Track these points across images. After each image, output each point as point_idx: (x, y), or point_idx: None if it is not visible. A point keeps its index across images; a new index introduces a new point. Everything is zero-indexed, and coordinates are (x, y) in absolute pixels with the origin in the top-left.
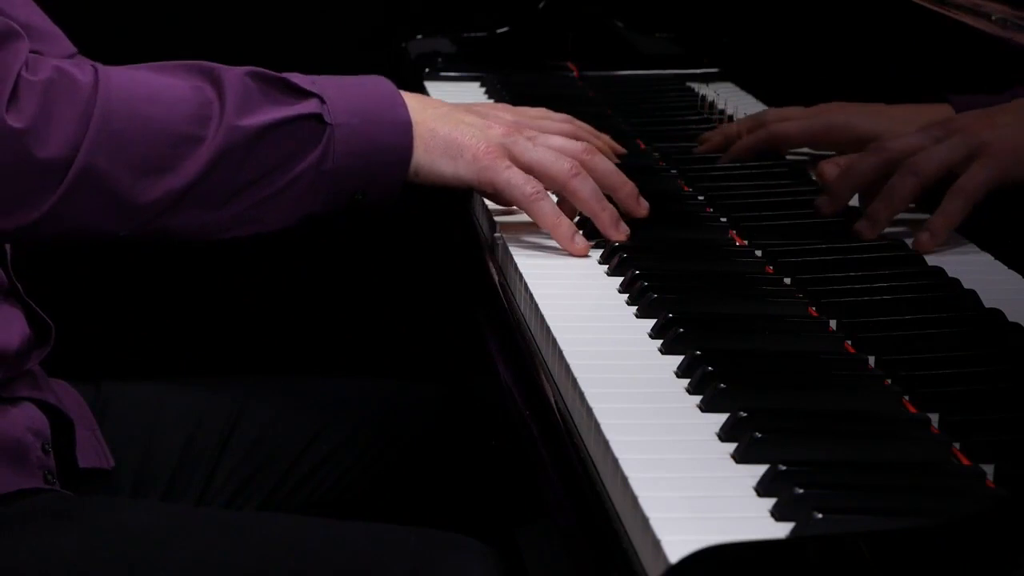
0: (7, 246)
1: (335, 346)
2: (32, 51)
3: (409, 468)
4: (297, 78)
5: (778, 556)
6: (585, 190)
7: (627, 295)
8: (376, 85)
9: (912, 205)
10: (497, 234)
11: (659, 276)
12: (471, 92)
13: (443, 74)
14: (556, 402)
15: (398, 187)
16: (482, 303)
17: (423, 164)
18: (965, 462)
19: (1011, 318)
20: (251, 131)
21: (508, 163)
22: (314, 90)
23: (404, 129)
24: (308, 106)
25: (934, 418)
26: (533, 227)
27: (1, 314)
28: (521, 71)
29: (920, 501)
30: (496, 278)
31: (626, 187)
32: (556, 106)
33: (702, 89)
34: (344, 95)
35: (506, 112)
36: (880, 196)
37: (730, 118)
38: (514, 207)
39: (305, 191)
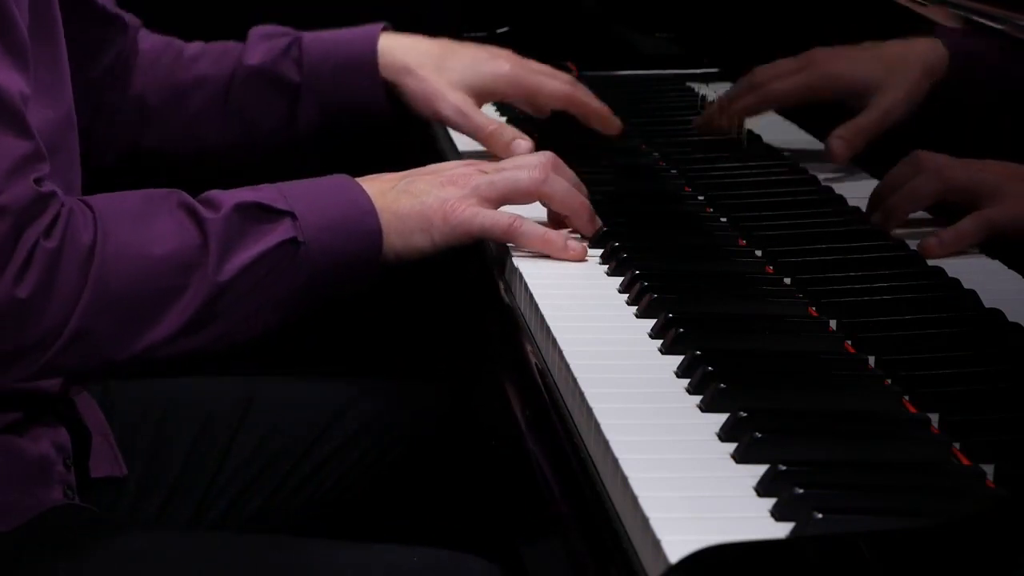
0: None
1: (338, 347)
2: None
3: (410, 468)
4: (271, 197)
5: (778, 556)
6: (556, 189)
7: (627, 295)
8: (341, 191)
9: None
10: None
11: (659, 276)
12: None
13: None
14: (556, 402)
15: (367, 285)
16: (482, 304)
17: (400, 248)
18: (965, 462)
19: (1011, 318)
20: (232, 276)
21: (476, 209)
22: (286, 208)
23: (373, 236)
24: (282, 231)
25: (934, 418)
26: None
27: None
28: None
29: (920, 501)
30: (496, 279)
31: (585, 207)
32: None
33: (702, 89)
34: (314, 209)
35: (503, 51)
36: (900, 191)
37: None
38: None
39: (276, 309)
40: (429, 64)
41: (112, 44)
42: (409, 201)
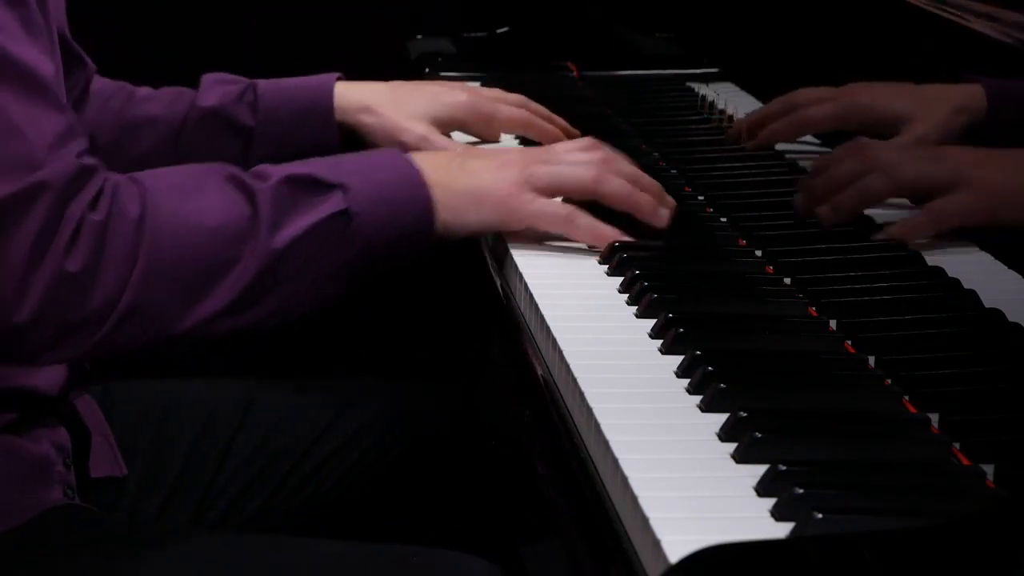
0: None
1: (339, 347)
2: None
3: (410, 469)
4: (321, 170)
5: (778, 556)
6: (613, 188)
7: (627, 295)
8: (394, 163)
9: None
10: (499, 235)
11: (659, 276)
12: None
13: (443, 74)
14: (556, 402)
15: (423, 256)
16: (483, 303)
17: (451, 224)
18: (965, 462)
19: (1011, 318)
20: (284, 245)
21: (532, 196)
22: (338, 181)
23: (425, 208)
24: (333, 203)
25: (934, 418)
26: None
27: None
28: (521, 71)
29: (920, 501)
30: (496, 279)
31: (653, 187)
32: (556, 106)
33: (702, 89)
34: (365, 182)
35: (455, 84)
36: (850, 188)
37: (730, 118)
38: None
39: (330, 281)
40: (388, 102)
41: (76, 83)
42: (464, 178)
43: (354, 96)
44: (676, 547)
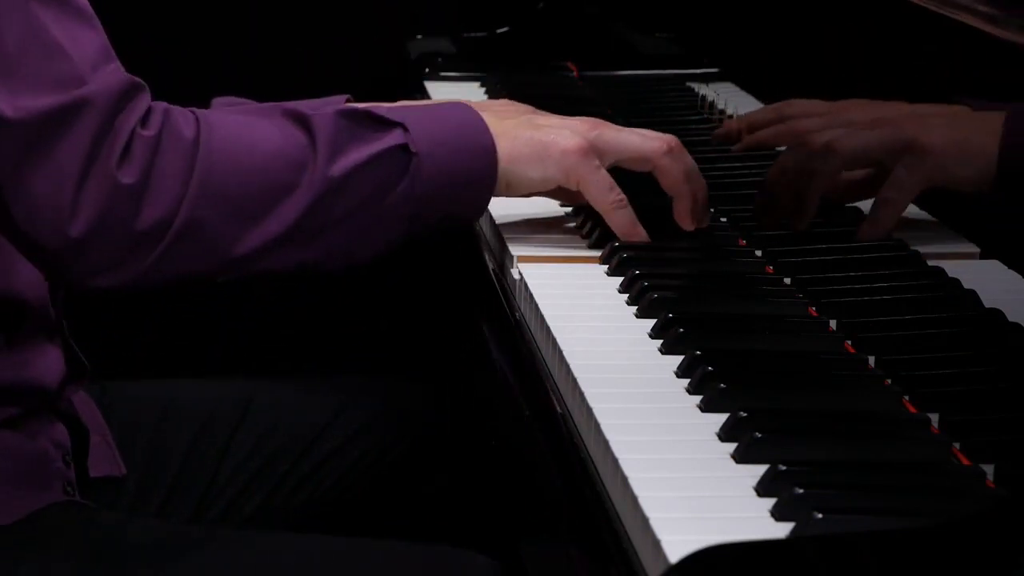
0: (61, 287)
1: (338, 346)
2: None
3: (409, 468)
4: (380, 109)
5: (778, 556)
6: (676, 169)
7: (627, 295)
8: (455, 110)
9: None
10: (498, 234)
11: (659, 276)
12: (471, 92)
13: (443, 74)
14: (556, 402)
15: (483, 207)
16: (482, 303)
17: (512, 175)
18: (965, 462)
19: (1011, 318)
20: (343, 174)
21: (597, 163)
22: (398, 119)
23: (487, 152)
24: (393, 137)
25: (934, 418)
26: (534, 227)
27: (44, 354)
28: (521, 71)
29: (920, 501)
30: (496, 279)
31: (702, 190)
32: (556, 106)
33: (702, 89)
34: (425, 123)
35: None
36: (802, 189)
37: (730, 118)
38: (520, 213)
39: (394, 221)
40: None
41: None
42: (528, 130)
43: None
44: (676, 547)
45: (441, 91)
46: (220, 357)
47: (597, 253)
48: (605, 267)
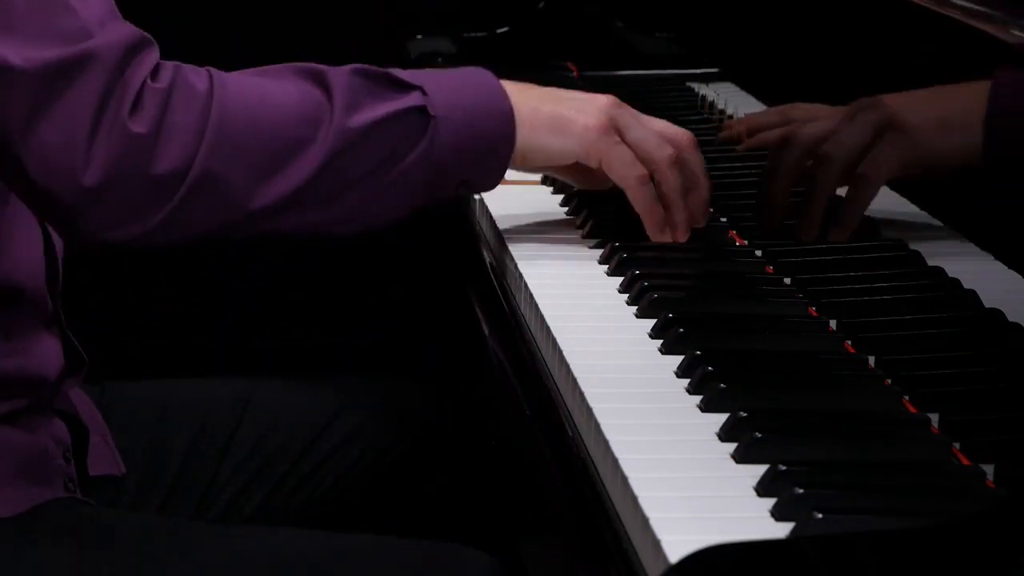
0: (60, 276)
1: (338, 346)
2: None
3: (409, 468)
4: (398, 72)
5: (778, 556)
6: (674, 181)
7: (627, 295)
8: (475, 75)
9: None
10: (498, 234)
11: (659, 276)
12: None
13: None
14: (556, 402)
15: (501, 175)
16: (482, 303)
17: (530, 144)
18: (965, 462)
19: (1011, 318)
20: (360, 130)
21: (617, 139)
22: (416, 83)
23: (506, 117)
24: (412, 99)
25: (934, 418)
26: (534, 227)
27: (42, 343)
28: (521, 71)
29: (920, 501)
30: (496, 279)
31: (704, 192)
32: None
33: (702, 89)
34: (444, 87)
35: None
36: (807, 196)
37: (730, 118)
38: (520, 214)
39: (411, 184)
40: None
41: None
42: (552, 103)
43: None
44: (676, 547)
45: None
46: (220, 357)
47: (597, 253)
48: (605, 267)
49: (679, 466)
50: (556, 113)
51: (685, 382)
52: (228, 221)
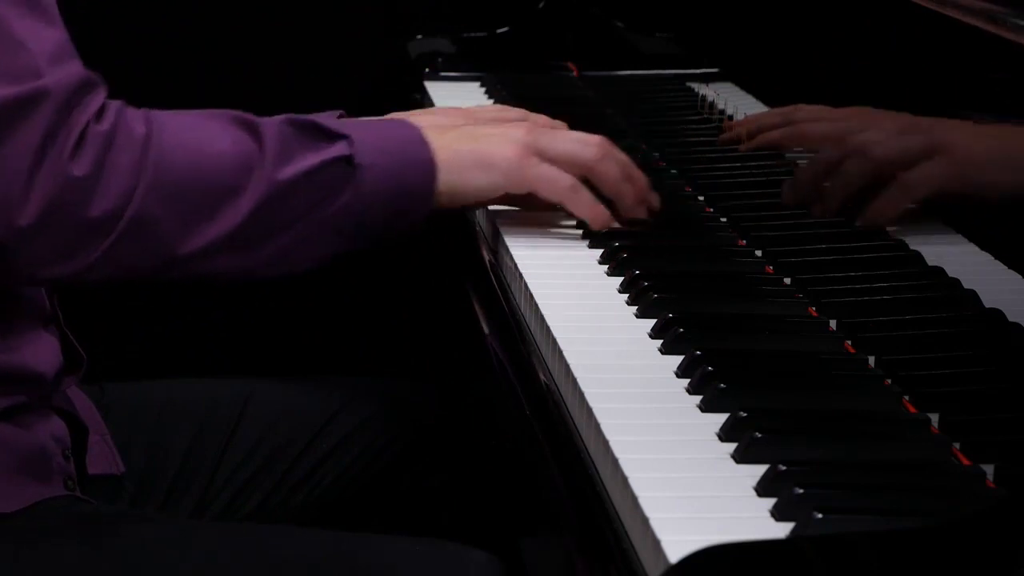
0: None
1: (336, 346)
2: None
3: (407, 468)
4: (325, 120)
5: (778, 556)
6: (612, 172)
7: (627, 295)
8: (397, 127)
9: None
10: (498, 235)
11: (659, 276)
12: (471, 92)
13: (443, 74)
14: (556, 402)
15: (420, 224)
16: (482, 302)
17: (457, 186)
18: (965, 462)
19: (1011, 318)
20: (289, 179)
21: (538, 160)
22: (342, 132)
23: (427, 167)
24: (339, 148)
25: (934, 418)
26: (534, 227)
27: (40, 341)
28: (521, 71)
29: (920, 501)
30: (495, 278)
31: (642, 178)
32: (556, 106)
33: (702, 89)
34: (369, 136)
35: (450, 112)
36: (832, 177)
37: (730, 118)
38: (515, 211)
39: (335, 232)
40: None
41: None
42: (470, 142)
43: None
44: (676, 547)
45: (441, 91)
46: (220, 357)
47: (597, 253)
48: (605, 267)
49: (679, 466)
50: (476, 150)
51: (685, 382)
52: (158, 264)
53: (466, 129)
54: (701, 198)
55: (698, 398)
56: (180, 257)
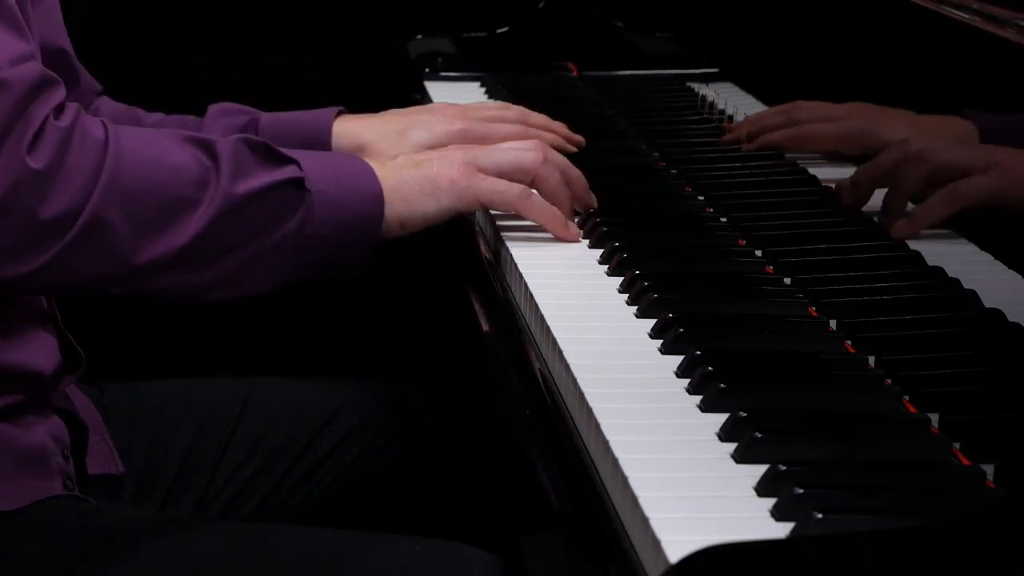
0: None
1: (335, 346)
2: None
3: (406, 468)
4: (275, 145)
5: (778, 556)
6: (552, 176)
7: (627, 295)
8: (347, 159)
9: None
10: (498, 235)
11: (659, 276)
12: (471, 92)
13: (443, 74)
14: (556, 402)
15: (367, 255)
16: (481, 302)
17: (405, 213)
18: (965, 462)
19: (1011, 318)
20: (243, 195)
21: (483, 176)
22: (293, 157)
23: (375, 198)
24: (290, 171)
25: (934, 418)
26: (534, 227)
27: (38, 340)
28: (521, 71)
29: (920, 501)
30: (495, 279)
31: (581, 179)
32: (556, 106)
33: (702, 89)
34: (317, 164)
35: (449, 108)
36: (890, 188)
37: (730, 118)
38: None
39: (283, 256)
40: (382, 139)
41: (76, 102)
42: (413, 170)
43: (349, 134)
44: (676, 547)
45: (441, 91)
46: (219, 357)
47: (597, 253)
48: (605, 267)
49: (679, 466)
50: (421, 176)
51: (685, 382)
52: (109, 274)
53: (406, 159)
54: (701, 198)
55: (698, 398)
56: (132, 268)
